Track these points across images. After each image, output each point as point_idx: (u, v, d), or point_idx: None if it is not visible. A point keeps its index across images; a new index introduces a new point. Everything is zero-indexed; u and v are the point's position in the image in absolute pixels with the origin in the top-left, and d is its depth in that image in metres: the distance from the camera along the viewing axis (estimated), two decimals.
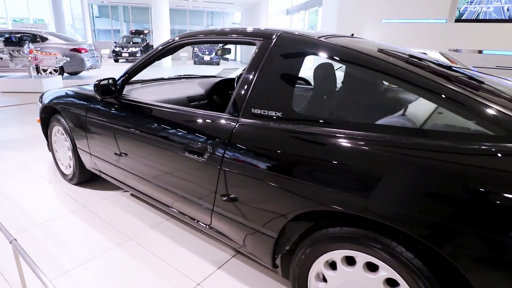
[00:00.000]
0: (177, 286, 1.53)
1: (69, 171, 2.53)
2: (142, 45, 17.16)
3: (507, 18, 7.54)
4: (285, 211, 1.18)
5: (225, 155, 1.31)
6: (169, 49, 1.75)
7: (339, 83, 1.73)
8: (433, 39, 8.50)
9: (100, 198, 2.36)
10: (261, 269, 1.66)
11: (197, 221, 1.61)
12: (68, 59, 7.68)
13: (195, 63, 17.38)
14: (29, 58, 6.75)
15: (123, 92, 2.00)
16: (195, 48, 17.78)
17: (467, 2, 8.00)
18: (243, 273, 1.64)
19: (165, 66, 14.90)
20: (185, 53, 18.08)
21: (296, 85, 1.28)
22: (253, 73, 1.34)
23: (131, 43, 17.37)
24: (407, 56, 1.29)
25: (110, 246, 1.82)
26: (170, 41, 1.75)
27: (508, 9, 7.51)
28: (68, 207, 2.22)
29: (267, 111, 1.26)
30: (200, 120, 1.48)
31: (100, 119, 1.98)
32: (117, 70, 11.34)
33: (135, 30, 18.61)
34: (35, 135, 3.77)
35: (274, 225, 1.23)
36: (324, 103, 1.62)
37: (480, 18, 7.93)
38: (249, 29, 1.48)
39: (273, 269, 1.36)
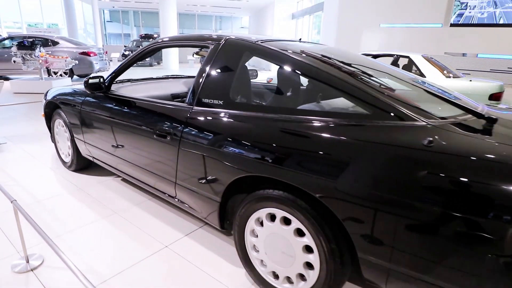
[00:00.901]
0: (149, 247, 1.84)
1: (68, 159, 2.89)
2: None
3: (499, 23, 7.70)
4: (223, 178, 1.48)
5: (182, 136, 1.63)
6: (146, 52, 2.09)
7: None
8: (429, 43, 8.71)
9: (94, 182, 2.70)
10: (224, 238, 1.96)
11: (167, 194, 1.92)
12: (77, 62, 8.14)
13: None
14: (40, 61, 7.23)
15: (112, 89, 2.34)
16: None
17: (462, 7, 8.19)
18: (207, 240, 1.94)
19: (172, 69, 15.38)
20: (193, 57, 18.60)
21: (235, 79, 1.59)
22: (205, 70, 1.66)
23: (140, 47, 17.97)
24: (323, 56, 1.54)
25: (97, 218, 2.14)
26: (147, 46, 2.09)
27: (500, 14, 7.67)
28: (66, 189, 2.57)
29: (213, 100, 1.57)
30: (166, 109, 1.80)
31: (91, 111, 2.32)
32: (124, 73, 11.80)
33: (145, 34, 19.24)
34: (42, 130, 4.16)
35: (217, 190, 1.53)
36: (253, 94, 1.90)
37: (474, 23, 8.11)
38: (206, 35, 1.80)
39: (222, 230, 1.66)
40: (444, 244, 0.96)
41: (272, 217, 1.41)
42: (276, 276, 1.46)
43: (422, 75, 4.61)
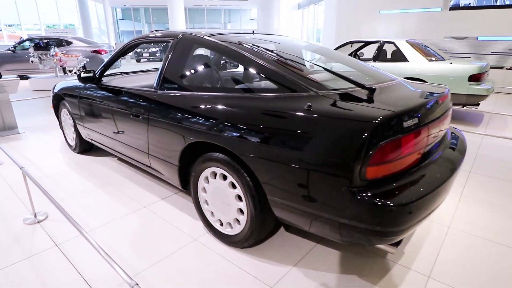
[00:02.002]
0: (129, 207, 2.26)
1: (73, 143, 3.36)
2: (162, 45, 18.16)
3: (498, 4, 7.61)
4: (178, 145, 1.86)
5: (149, 115, 2.02)
6: (126, 49, 2.50)
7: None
8: (429, 28, 8.70)
9: (94, 161, 3.16)
10: (191, 200, 2.35)
11: (145, 164, 2.33)
12: (88, 60, 8.71)
13: (137, 61, 17.04)
14: (55, 60, 7.84)
15: (104, 81, 2.76)
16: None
17: None
18: (179, 202, 2.33)
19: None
20: None
21: (187, 67, 1.95)
22: (166, 60, 2.04)
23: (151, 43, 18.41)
24: (253, 46, 1.82)
25: (93, 188, 2.59)
26: (126, 43, 2.49)
27: None
28: (70, 166, 3.04)
29: (170, 84, 1.95)
30: (139, 94, 2.19)
31: (87, 100, 2.75)
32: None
33: (156, 31, 19.78)
34: (54, 121, 4.68)
35: (175, 156, 1.92)
36: (199, 78, 2.21)
37: (474, 5, 8.04)
38: (169, 32, 2.17)
39: (184, 190, 2.05)
40: (318, 183, 1.30)
41: (215, 175, 1.78)
42: (221, 224, 1.84)
43: (405, 59, 4.80)
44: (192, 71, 1.96)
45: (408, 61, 4.75)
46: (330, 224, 1.31)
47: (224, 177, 1.72)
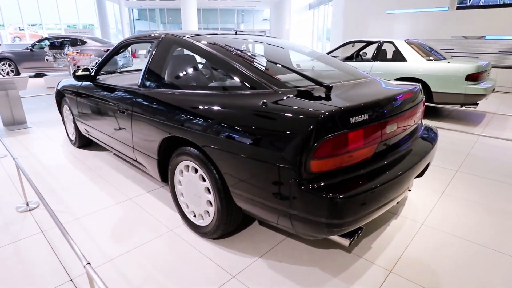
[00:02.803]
0: (116, 199, 2.38)
1: (73, 137, 3.53)
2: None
3: (506, 3, 7.39)
4: (156, 139, 1.96)
5: (133, 111, 2.13)
6: (118, 49, 2.62)
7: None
8: (435, 27, 8.53)
9: (91, 155, 3.32)
10: None
11: (131, 158, 2.45)
12: (100, 58, 8.99)
13: None
14: (68, 59, 8.15)
15: (101, 79, 2.90)
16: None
17: None
18: (163, 196, 2.44)
19: None
20: None
21: (166, 66, 2.05)
22: (149, 59, 2.14)
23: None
24: (226, 46, 1.87)
25: (85, 180, 2.73)
26: (118, 43, 2.62)
27: None
28: (68, 159, 3.20)
29: (150, 83, 2.05)
30: (125, 92, 2.31)
31: (83, 96, 2.90)
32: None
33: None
34: (60, 117, 4.91)
35: (154, 150, 2.02)
36: (174, 76, 2.28)
37: (481, 4, 7.84)
38: (153, 33, 2.27)
39: (163, 182, 2.15)
40: (269, 175, 1.36)
41: (188, 168, 1.87)
42: (195, 215, 1.93)
43: (403, 59, 4.77)
44: (169, 70, 2.05)
45: (407, 61, 4.71)
46: (283, 215, 1.38)
47: (196, 170, 1.80)
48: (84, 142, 3.48)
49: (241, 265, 1.67)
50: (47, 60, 8.34)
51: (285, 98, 1.44)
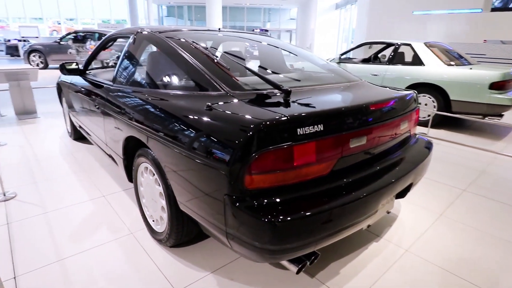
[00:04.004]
0: (90, 195, 2.33)
1: (70, 129, 3.57)
2: None
3: None
4: (119, 138, 1.87)
5: (104, 107, 2.06)
6: (104, 44, 2.57)
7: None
8: (467, 30, 7.92)
9: (84, 148, 3.33)
10: None
11: (107, 154, 2.39)
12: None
13: None
14: (89, 53, 8.41)
15: (89, 72, 2.88)
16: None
17: None
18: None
19: None
20: None
21: (134, 62, 1.95)
22: (121, 56, 2.06)
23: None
24: (194, 43, 1.73)
25: (68, 172, 2.72)
26: (104, 38, 2.57)
27: None
28: (60, 152, 3.23)
29: (119, 79, 1.97)
30: (101, 87, 2.24)
31: (73, 89, 2.90)
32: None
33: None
34: None
35: (119, 148, 1.93)
36: (135, 73, 2.12)
37: None
38: (130, 28, 2.18)
39: (130, 182, 2.07)
40: (204, 186, 1.22)
41: (147, 170, 1.76)
42: (153, 220, 1.82)
43: (421, 63, 4.42)
44: (134, 66, 1.96)
45: (424, 65, 4.36)
46: (220, 232, 1.23)
47: (153, 174, 1.70)
48: (80, 135, 3.50)
49: (189, 279, 1.54)
50: (70, 53, 8.66)
51: (232, 102, 1.29)
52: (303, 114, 1.14)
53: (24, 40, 14.69)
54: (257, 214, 1.06)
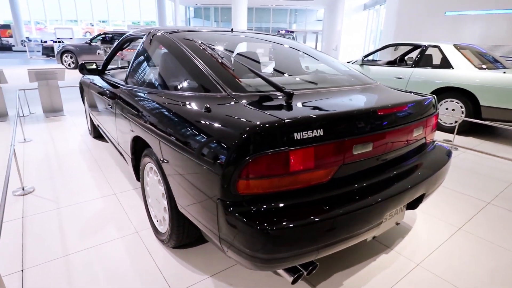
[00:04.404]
0: (102, 192, 2.39)
1: (90, 127, 3.70)
2: None
3: None
4: (129, 137, 1.90)
5: (116, 107, 2.11)
6: (121, 44, 2.64)
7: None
8: (505, 32, 7.40)
9: (102, 146, 3.43)
10: None
11: (119, 152, 2.44)
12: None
13: None
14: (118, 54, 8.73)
15: (108, 73, 2.97)
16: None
17: None
18: None
19: None
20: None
21: (146, 63, 1.97)
22: (133, 56, 2.09)
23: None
24: (203, 45, 1.71)
25: (85, 170, 2.81)
26: (121, 38, 2.63)
27: None
28: (79, 149, 3.35)
29: (131, 79, 2.00)
30: (115, 87, 2.29)
31: (92, 88, 3.00)
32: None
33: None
34: None
35: (129, 147, 1.97)
36: (145, 74, 2.07)
37: None
38: (144, 29, 2.20)
39: (138, 182, 2.09)
40: (199, 189, 1.20)
41: (152, 170, 1.77)
42: (158, 220, 1.83)
43: (450, 66, 4.18)
44: (144, 67, 1.98)
45: (453, 68, 4.12)
46: (214, 237, 1.20)
47: (157, 174, 1.70)
48: (99, 133, 3.62)
49: (188, 282, 1.53)
50: (98, 53, 9.04)
51: (232, 103, 1.26)
52: (300, 118, 1.09)
53: (59, 41, 15.52)
54: (250, 221, 1.02)
